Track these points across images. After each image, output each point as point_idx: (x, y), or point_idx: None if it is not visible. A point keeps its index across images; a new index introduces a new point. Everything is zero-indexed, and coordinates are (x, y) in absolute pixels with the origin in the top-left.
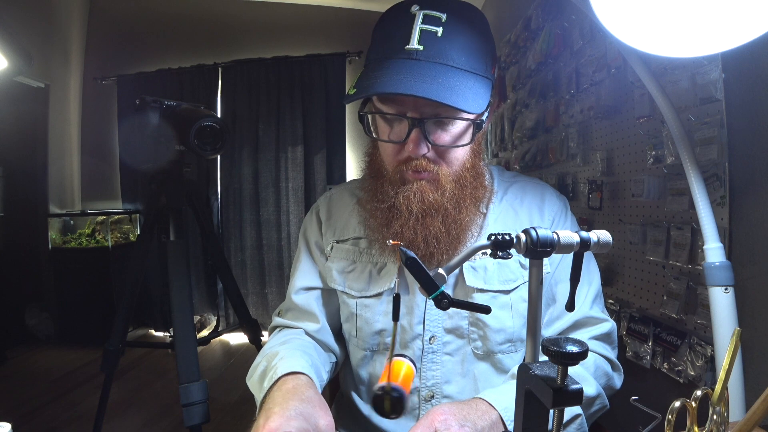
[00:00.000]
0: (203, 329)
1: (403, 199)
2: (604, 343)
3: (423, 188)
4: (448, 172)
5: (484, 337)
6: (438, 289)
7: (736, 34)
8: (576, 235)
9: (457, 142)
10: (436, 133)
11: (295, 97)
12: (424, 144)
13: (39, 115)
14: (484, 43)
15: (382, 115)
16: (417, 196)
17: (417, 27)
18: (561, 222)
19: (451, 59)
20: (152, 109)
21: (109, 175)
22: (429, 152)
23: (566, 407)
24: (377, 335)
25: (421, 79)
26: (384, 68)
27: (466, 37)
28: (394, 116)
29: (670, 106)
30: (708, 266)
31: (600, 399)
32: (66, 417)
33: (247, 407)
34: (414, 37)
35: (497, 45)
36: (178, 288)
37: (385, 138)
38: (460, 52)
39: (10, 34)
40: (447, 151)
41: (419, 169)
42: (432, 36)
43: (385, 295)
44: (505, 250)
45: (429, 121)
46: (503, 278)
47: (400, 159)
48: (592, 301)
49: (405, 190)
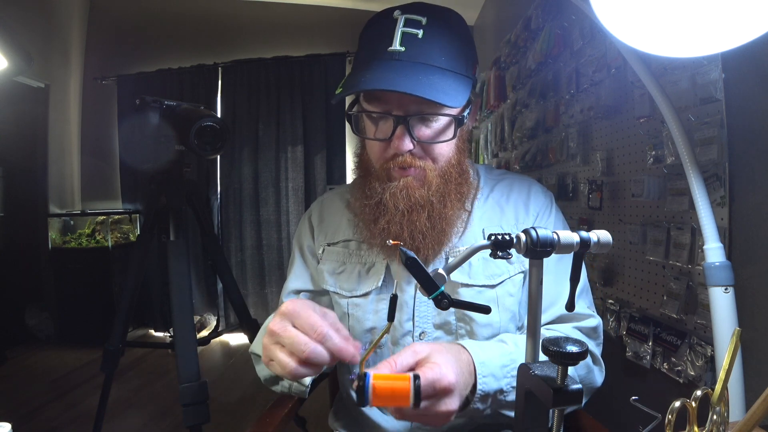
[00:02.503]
0: (203, 329)
1: (389, 195)
2: (589, 338)
3: (409, 185)
4: (433, 167)
5: (471, 332)
6: (438, 289)
7: (736, 34)
8: (576, 235)
9: (440, 138)
10: (420, 130)
11: (295, 97)
12: (408, 140)
13: (39, 115)
14: (463, 45)
15: (368, 114)
16: (403, 192)
17: (399, 30)
18: (545, 217)
19: (431, 59)
20: (152, 109)
21: (109, 175)
22: (414, 148)
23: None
24: (368, 333)
25: (403, 77)
26: (368, 69)
27: (446, 39)
28: (379, 114)
29: (670, 106)
30: (708, 266)
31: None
32: (66, 417)
33: (247, 407)
34: (396, 39)
35: (497, 45)
36: (178, 288)
37: (372, 136)
38: (440, 53)
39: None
40: (431, 147)
41: (405, 166)
42: (413, 38)
43: (373, 293)
44: (505, 250)
45: (413, 118)
46: (489, 273)
47: (386, 156)
48: (577, 297)
49: (392, 187)
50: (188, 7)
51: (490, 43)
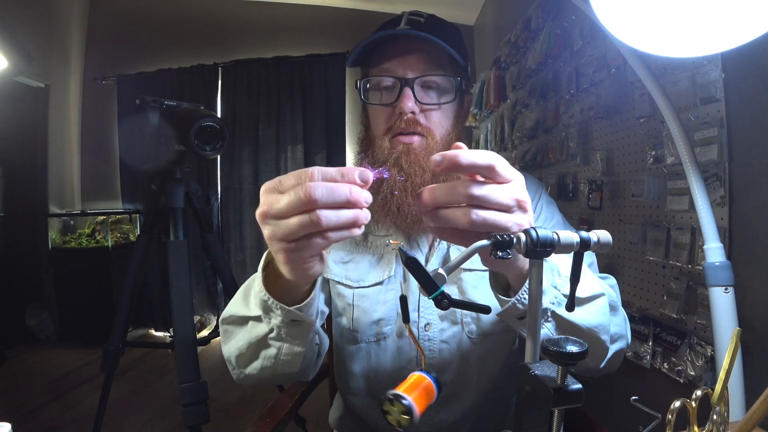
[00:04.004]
0: (203, 329)
1: (394, 160)
2: (615, 292)
3: (413, 150)
4: (435, 138)
5: (477, 319)
6: (438, 289)
7: (736, 34)
8: (576, 235)
9: (441, 100)
10: (423, 93)
11: (295, 97)
12: (413, 101)
13: (39, 115)
14: (458, 38)
15: (375, 80)
16: (410, 157)
17: (405, 18)
18: (536, 201)
19: (433, 35)
20: (152, 109)
21: (109, 175)
22: (418, 113)
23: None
24: (375, 325)
25: (409, 37)
26: (377, 36)
27: (445, 28)
28: (386, 77)
29: (670, 106)
30: (708, 266)
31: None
32: (66, 417)
33: (247, 407)
34: (402, 23)
35: (497, 45)
36: (178, 288)
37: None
38: (440, 33)
39: (10, 34)
40: (433, 114)
41: (409, 129)
42: (416, 22)
43: (384, 283)
44: (505, 250)
45: (416, 83)
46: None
47: (390, 123)
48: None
49: (396, 152)
50: (188, 7)
51: (490, 43)
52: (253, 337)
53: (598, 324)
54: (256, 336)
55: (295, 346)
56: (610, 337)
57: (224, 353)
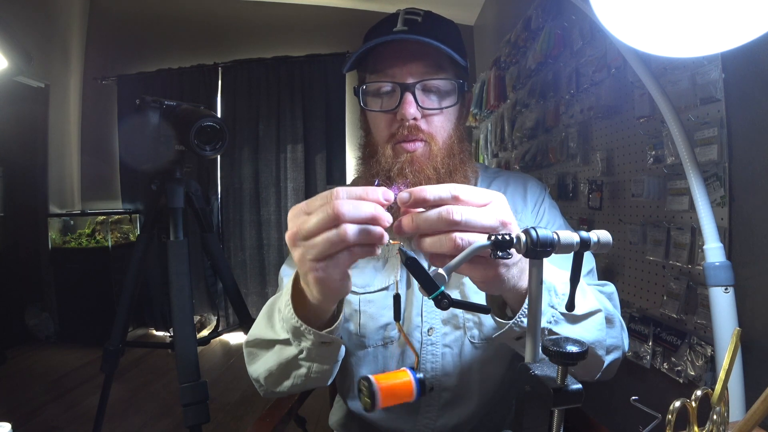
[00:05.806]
0: (203, 329)
1: (397, 170)
2: (611, 300)
3: (416, 159)
4: (437, 143)
5: (480, 323)
6: (438, 289)
7: (736, 34)
8: (576, 234)
9: (443, 104)
10: (424, 97)
11: (295, 97)
12: (415, 106)
13: (39, 115)
14: (456, 36)
15: (374, 86)
16: (414, 166)
17: (401, 17)
18: (539, 204)
19: (431, 36)
20: (152, 109)
21: (109, 175)
22: (420, 118)
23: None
24: (382, 329)
25: (407, 40)
26: (375, 42)
27: (443, 26)
28: (385, 83)
29: (670, 106)
30: (708, 266)
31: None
32: (66, 417)
33: (247, 407)
34: (399, 23)
35: (497, 45)
36: (178, 288)
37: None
38: (438, 33)
39: (10, 34)
40: (435, 119)
41: (411, 136)
42: (413, 21)
43: (390, 288)
44: (505, 250)
45: (417, 88)
46: None
47: (392, 130)
48: (586, 276)
49: (399, 162)
50: (188, 7)
51: (490, 43)
52: (282, 359)
53: (594, 340)
54: (285, 358)
55: (325, 365)
56: (606, 350)
57: (251, 373)
